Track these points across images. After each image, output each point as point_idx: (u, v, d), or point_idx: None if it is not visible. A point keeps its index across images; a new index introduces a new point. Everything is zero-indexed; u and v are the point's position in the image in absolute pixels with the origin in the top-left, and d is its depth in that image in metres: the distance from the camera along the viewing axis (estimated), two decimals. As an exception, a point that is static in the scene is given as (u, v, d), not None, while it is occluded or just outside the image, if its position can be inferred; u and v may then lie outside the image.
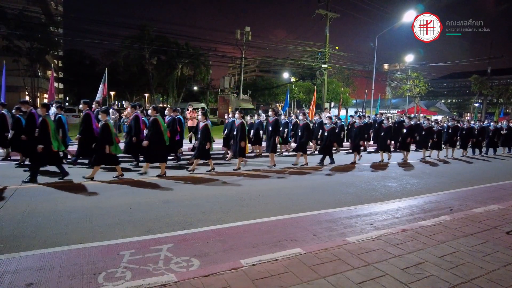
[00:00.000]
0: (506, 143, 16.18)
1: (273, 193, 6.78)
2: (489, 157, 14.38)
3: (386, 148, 11.63)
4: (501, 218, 5.28)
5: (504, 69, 58.36)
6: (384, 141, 11.57)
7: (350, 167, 10.27)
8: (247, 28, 32.44)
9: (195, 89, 48.06)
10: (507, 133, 15.90)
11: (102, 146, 6.88)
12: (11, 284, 2.95)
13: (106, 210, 5.16)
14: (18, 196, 5.66)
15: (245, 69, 42.76)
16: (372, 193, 7.12)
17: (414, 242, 4.10)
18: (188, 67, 37.13)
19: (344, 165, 10.51)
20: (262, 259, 3.47)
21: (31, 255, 3.54)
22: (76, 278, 3.10)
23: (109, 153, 6.91)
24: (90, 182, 6.83)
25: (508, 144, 16.26)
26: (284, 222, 4.97)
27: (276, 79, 57.25)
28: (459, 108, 70.10)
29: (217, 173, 8.34)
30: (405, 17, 19.50)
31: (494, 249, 3.98)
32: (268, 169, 9.16)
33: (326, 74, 26.20)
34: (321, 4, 23.74)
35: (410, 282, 3.09)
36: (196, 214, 5.15)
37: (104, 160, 7.03)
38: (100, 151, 6.93)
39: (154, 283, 2.90)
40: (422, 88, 40.66)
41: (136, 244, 3.92)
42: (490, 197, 6.92)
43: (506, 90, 42.07)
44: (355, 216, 5.38)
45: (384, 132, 11.60)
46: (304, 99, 44.10)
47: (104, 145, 6.84)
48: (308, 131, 10.23)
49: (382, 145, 11.77)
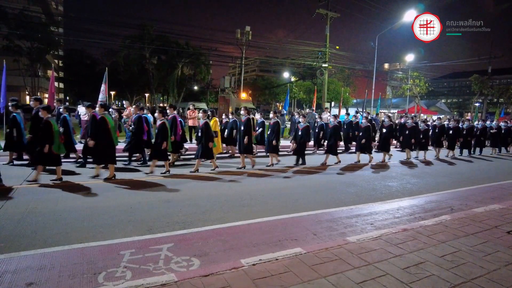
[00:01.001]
0: (495, 143, 15.50)
1: (274, 192, 6.78)
2: (479, 157, 14.27)
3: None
4: (501, 217, 5.27)
5: (504, 69, 58.30)
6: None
7: (351, 167, 10.27)
8: (247, 28, 32.42)
9: (195, 88, 48.03)
10: (496, 132, 15.23)
11: (42, 145, 6.38)
12: (12, 284, 2.95)
13: (106, 209, 5.16)
14: (18, 196, 5.66)
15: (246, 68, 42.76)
16: (372, 192, 7.11)
17: (414, 242, 4.09)
18: (188, 67, 37.10)
19: (345, 165, 10.51)
20: (263, 258, 3.46)
21: (31, 255, 3.54)
22: (76, 277, 3.10)
23: (50, 153, 6.41)
24: (90, 182, 6.83)
25: (496, 144, 15.52)
26: (285, 221, 4.97)
27: (277, 78, 57.28)
28: (459, 108, 70.04)
29: (217, 173, 8.33)
30: (406, 16, 19.52)
31: (494, 248, 3.97)
32: (269, 169, 9.16)
33: (326, 73, 26.18)
34: (321, 3, 23.73)
35: (410, 282, 3.08)
36: (196, 213, 5.15)
37: (44, 160, 6.49)
38: (40, 150, 6.43)
39: (154, 283, 2.90)
40: (422, 88, 40.67)
41: (136, 244, 3.92)
42: (490, 197, 6.91)
43: (507, 89, 42.04)
44: (356, 216, 5.38)
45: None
46: (305, 98, 44.14)
47: (45, 144, 6.35)
48: (308, 132, 10.26)
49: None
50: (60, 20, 36.61)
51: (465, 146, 14.35)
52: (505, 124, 16.35)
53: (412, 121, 12.97)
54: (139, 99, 47.70)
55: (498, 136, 15.41)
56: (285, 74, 49.79)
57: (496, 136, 15.37)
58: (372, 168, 10.26)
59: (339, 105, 24.48)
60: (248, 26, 32.38)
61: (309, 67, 33.73)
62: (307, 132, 9.96)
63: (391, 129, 11.76)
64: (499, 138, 15.50)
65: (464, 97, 72.13)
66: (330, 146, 10.42)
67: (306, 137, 9.96)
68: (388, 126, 11.66)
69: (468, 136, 14.28)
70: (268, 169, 9.16)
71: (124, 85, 39.89)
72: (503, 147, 16.23)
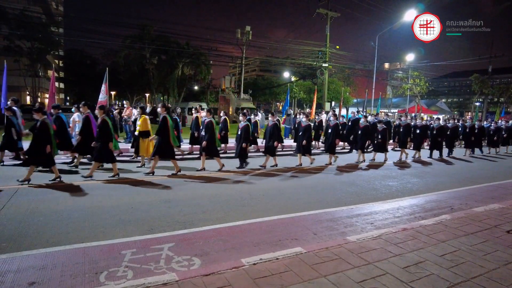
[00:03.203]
0: (468, 143, 14.58)
1: (274, 192, 6.80)
2: (480, 157, 14.31)
3: None
4: (501, 217, 5.28)
5: (505, 68, 58.19)
6: None
7: (352, 166, 10.28)
8: (247, 28, 32.45)
9: (195, 88, 48.06)
10: (469, 132, 14.40)
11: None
12: (14, 283, 2.97)
13: (107, 209, 5.18)
14: (19, 196, 5.68)
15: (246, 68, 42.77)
16: (372, 192, 7.13)
17: (414, 241, 4.10)
18: (188, 67, 37.12)
19: (346, 164, 10.52)
20: (263, 258, 3.48)
21: (33, 255, 3.56)
22: (78, 277, 3.12)
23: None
24: (91, 182, 6.85)
25: (469, 144, 14.64)
26: (285, 221, 4.99)
27: (277, 78, 57.24)
28: (460, 107, 69.99)
29: (218, 172, 8.35)
30: (406, 16, 19.50)
31: (494, 248, 3.99)
32: (270, 169, 9.17)
33: (326, 73, 26.20)
34: (321, 3, 23.78)
35: (410, 281, 3.10)
36: (197, 213, 5.17)
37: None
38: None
39: (156, 282, 2.91)
40: (422, 87, 40.66)
41: (138, 243, 3.94)
42: (490, 196, 6.92)
43: (507, 89, 42.00)
44: (356, 215, 5.39)
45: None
46: (305, 98, 44.11)
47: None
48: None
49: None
50: (60, 20, 36.64)
51: (436, 147, 13.11)
52: (496, 123, 16.12)
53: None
54: (139, 99, 47.76)
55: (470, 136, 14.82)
56: (286, 74, 49.77)
57: (468, 136, 14.81)
58: (372, 167, 10.27)
59: (340, 105, 24.47)
60: (248, 26, 32.44)
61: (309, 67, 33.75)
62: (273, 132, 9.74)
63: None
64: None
65: (464, 97, 72.09)
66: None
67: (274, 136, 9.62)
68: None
69: (439, 136, 13.02)
70: (268, 170, 9.17)
71: (125, 85, 39.93)
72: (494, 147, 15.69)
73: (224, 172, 8.49)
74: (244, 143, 8.68)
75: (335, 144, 10.73)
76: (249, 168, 9.11)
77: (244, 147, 8.75)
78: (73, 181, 6.86)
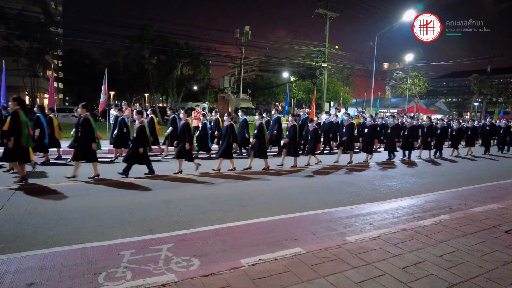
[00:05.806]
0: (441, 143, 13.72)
1: (274, 192, 6.79)
2: (480, 157, 14.32)
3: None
4: (500, 217, 5.29)
5: (504, 68, 58.26)
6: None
7: (353, 166, 10.28)
8: (246, 28, 32.45)
9: (195, 88, 48.03)
10: (441, 132, 13.55)
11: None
12: (12, 284, 2.96)
13: (106, 210, 5.17)
14: (18, 197, 5.67)
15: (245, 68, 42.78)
16: (372, 192, 7.13)
17: (413, 242, 4.11)
18: (188, 67, 37.08)
19: (345, 165, 10.52)
20: (262, 258, 3.48)
21: (31, 255, 3.55)
22: (76, 278, 3.11)
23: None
24: (90, 182, 6.84)
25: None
26: (284, 221, 4.99)
27: (276, 78, 57.24)
28: (459, 107, 70.08)
29: (218, 173, 8.35)
30: (405, 16, 19.53)
31: (493, 248, 3.99)
32: (270, 169, 9.17)
33: (326, 73, 26.23)
34: (321, 3, 23.79)
35: (409, 282, 3.10)
36: (196, 213, 5.17)
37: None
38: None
39: (155, 283, 2.91)
40: (422, 87, 40.76)
41: (137, 244, 3.93)
42: (489, 196, 6.93)
43: (506, 89, 42.02)
44: (355, 216, 5.39)
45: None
46: (304, 98, 44.15)
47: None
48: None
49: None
50: (59, 20, 36.55)
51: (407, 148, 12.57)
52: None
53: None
54: (138, 99, 47.72)
55: None
56: (285, 74, 49.79)
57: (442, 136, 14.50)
58: (372, 167, 10.28)
59: (339, 105, 24.47)
60: (247, 26, 32.45)
61: (308, 67, 33.78)
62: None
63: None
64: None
65: (463, 97, 72.10)
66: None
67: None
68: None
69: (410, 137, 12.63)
70: (268, 170, 9.17)
71: (124, 85, 39.89)
72: None
73: (225, 172, 8.49)
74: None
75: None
76: (249, 169, 9.11)
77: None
78: (72, 181, 6.85)
